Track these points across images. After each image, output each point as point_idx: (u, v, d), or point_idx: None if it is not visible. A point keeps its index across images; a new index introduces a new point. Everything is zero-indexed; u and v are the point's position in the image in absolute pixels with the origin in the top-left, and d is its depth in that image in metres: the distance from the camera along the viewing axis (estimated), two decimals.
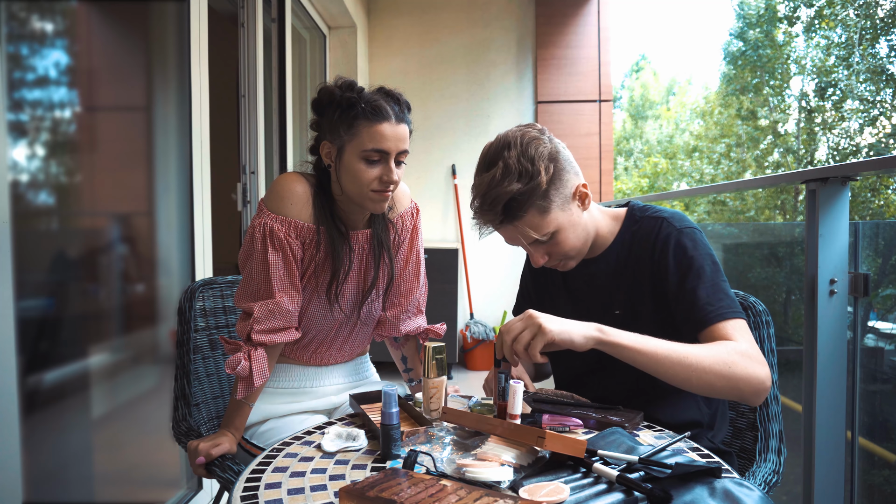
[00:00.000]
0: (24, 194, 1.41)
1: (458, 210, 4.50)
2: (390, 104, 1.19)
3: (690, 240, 1.09)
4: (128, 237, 1.90)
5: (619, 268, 1.16)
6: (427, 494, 0.70)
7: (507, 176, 1.03)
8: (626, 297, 1.14)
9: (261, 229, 1.19)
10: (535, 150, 1.05)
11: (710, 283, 1.05)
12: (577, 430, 0.98)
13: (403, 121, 1.21)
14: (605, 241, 1.19)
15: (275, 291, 1.19)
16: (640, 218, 1.18)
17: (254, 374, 1.17)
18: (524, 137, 1.06)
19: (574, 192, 1.10)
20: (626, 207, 1.22)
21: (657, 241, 1.11)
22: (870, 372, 1.83)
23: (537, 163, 1.04)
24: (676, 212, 1.15)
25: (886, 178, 11.03)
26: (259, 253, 1.20)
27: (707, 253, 1.09)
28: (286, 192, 1.21)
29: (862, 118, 12.60)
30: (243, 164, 2.63)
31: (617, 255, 1.17)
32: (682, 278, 1.07)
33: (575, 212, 1.11)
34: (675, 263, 1.08)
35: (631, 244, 1.16)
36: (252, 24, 2.62)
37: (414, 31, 4.54)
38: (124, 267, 1.87)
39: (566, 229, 1.10)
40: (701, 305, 1.04)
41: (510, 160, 1.04)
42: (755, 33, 14.38)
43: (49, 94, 1.51)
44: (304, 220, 1.22)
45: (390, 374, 2.08)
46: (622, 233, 1.18)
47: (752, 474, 1.13)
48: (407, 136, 1.22)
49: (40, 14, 1.49)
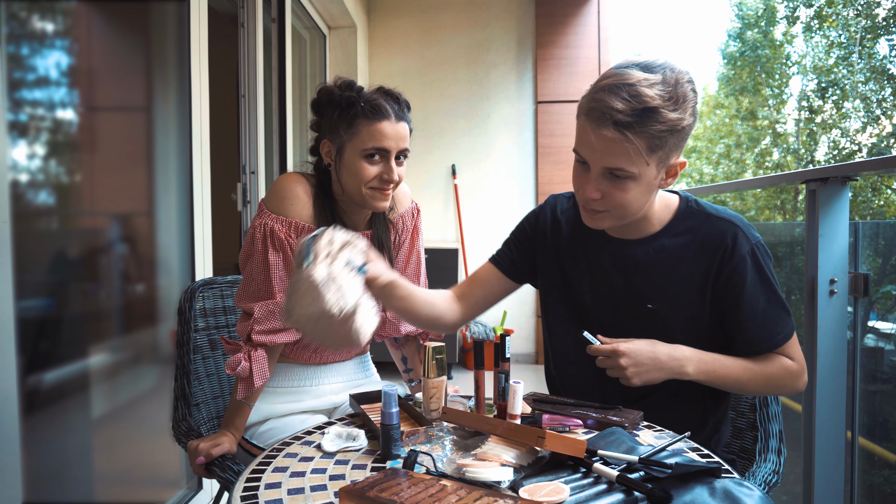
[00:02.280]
0: (24, 194, 1.41)
1: (458, 210, 4.50)
2: (390, 103, 1.19)
3: (763, 256, 1.07)
4: (128, 237, 1.90)
5: (666, 260, 1.09)
6: (427, 495, 0.70)
7: (662, 91, 0.95)
8: (670, 294, 1.09)
9: (261, 230, 1.19)
10: (691, 93, 0.98)
11: (776, 305, 1.08)
12: (577, 430, 0.98)
13: (403, 119, 1.21)
14: (650, 225, 1.11)
15: (275, 292, 1.19)
16: (697, 213, 1.10)
17: (254, 374, 1.17)
18: (687, 74, 0.98)
19: (673, 162, 1.03)
20: (678, 196, 1.15)
21: (734, 251, 1.05)
22: (870, 372, 1.83)
23: (688, 104, 0.97)
24: (742, 218, 1.11)
25: (887, 177, 11.03)
26: (260, 253, 1.20)
27: (772, 270, 1.09)
28: (287, 193, 1.21)
29: (863, 118, 12.59)
30: (243, 164, 2.63)
31: (663, 246, 1.10)
32: (757, 302, 1.06)
33: (658, 178, 1.02)
34: (753, 284, 1.06)
35: (686, 240, 1.09)
36: (252, 24, 2.62)
37: (414, 31, 4.54)
38: (124, 267, 1.87)
39: (641, 184, 1.00)
40: (769, 331, 1.07)
41: (670, 77, 0.96)
42: (754, 33, 14.38)
43: (49, 94, 1.51)
44: (304, 221, 1.22)
45: (390, 374, 2.08)
46: (673, 224, 1.11)
47: (752, 474, 1.13)
48: (407, 134, 1.21)
49: (40, 14, 1.49)
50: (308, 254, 0.87)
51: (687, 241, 1.09)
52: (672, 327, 1.09)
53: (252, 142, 2.64)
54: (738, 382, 1.07)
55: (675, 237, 1.10)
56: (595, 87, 0.99)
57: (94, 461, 1.71)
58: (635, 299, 1.11)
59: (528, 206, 4.40)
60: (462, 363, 4.39)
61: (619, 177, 0.99)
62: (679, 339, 1.07)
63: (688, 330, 1.09)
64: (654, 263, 1.10)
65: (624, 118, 0.94)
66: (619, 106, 0.94)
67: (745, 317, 1.07)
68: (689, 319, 1.09)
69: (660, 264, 1.09)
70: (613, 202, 1.02)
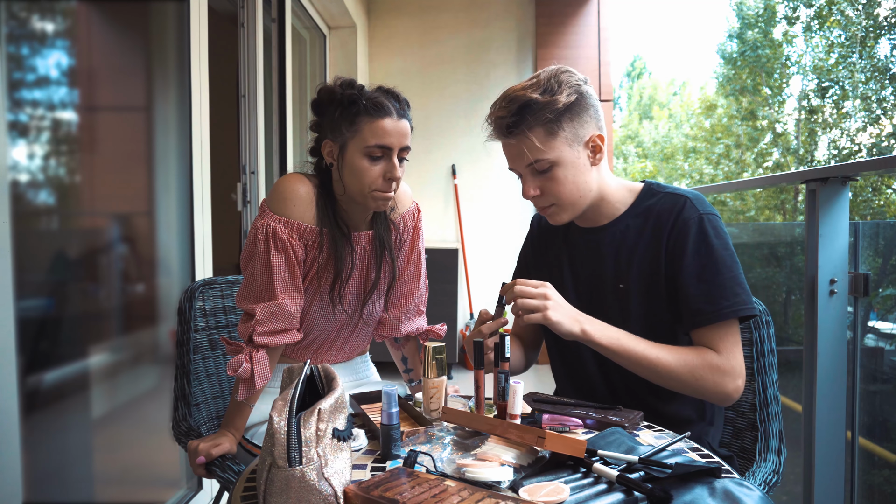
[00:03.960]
0: (24, 194, 1.41)
1: (458, 210, 4.50)
2: (391, 100, 1.19)
3: (713, 227, 1.07)
4: (128, 237, 1.90)
5: (629, 240, 1.14)
6: (430, 495, 0.70)
7: (532, 86, 1.08)
8: (635, 272, 1.13)
9: (263, 231, 1.19)
10: (566, 78, 1.10)
11: (725, 277, 1.05)
12: (577, 430, 0.98)
13: (405, 117, 1.21)
14: (614, 209, 1.17)
15: (277, 293, 1.19)
16: (657, 192, 1.16)
17: (255, 375, 1.17)
18: (562, 68, 1.12)
19: (588, 138, 1.11)
20: (643, 183, 1.21)
21: (678, 220, 1.09)
22: (870, 372, 1.83)
23: (563, 87, 1.08)
24: (698, 193, 1.14)
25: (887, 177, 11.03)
26: (261, 254, 1.19)
27: (726, 243, 1.08)
28: (289, 194, 1.21)
29: (863, 118, 12.59)
30: (243, 164, 2.63)
31: (627, 227, 1.15)
32: (699, 269, 1.06)
33: (582, 157, 1.11)
34: (694, 251, 1.06)
35: (646, 218, 1.14)
36: (252, 24, 2.62)
37: (414, 31, 4.54)
38: (124, 267, 1.87)
39: (566, 167, 1.09)
40: (702, 303, 1.05)
41: (542, 76, 1.10)
42: (754, 33, 14.38)
43: (49, 94, 1.51)
44: (306, 222, 1.21)
45: (390, 374, 2.08)
46: (635, 205, 1.16)
47: (752, 474, 1.13)
48: (409, 131, 1.21)
49: (40, 14, 1.49)
50: None
51: (645, 219, 1.15)
52: (640, 305, 1.12)
53: (252, 142, 2.64)
54: (648, 361, 1.04)
55: (636, 217, 1.16)
56: (491, 107, 1.12)
57: (94, 461, 1.71)
58: (609, 281, 1.16)
59: (528, 207, 4.40)
60: (462, 363, 4.39)
61: (543, 169, 1.10)
62: (648, 318, 1.11)
63: (653, 307, 1.11)
64: (620, 244, 1.16)
65: (509, 121, 1.08)
66: (501, 114, 1.09)
67: (685, 283, 1.07)
68: (653, 296, 1.11)
69: (624, 244, 1.15)
70: (552, 193, 1.11)
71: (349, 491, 0.72)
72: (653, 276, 1.11)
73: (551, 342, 1.28)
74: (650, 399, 1.14)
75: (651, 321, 1.11)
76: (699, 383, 1.04)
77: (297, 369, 0.81)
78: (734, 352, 1.05)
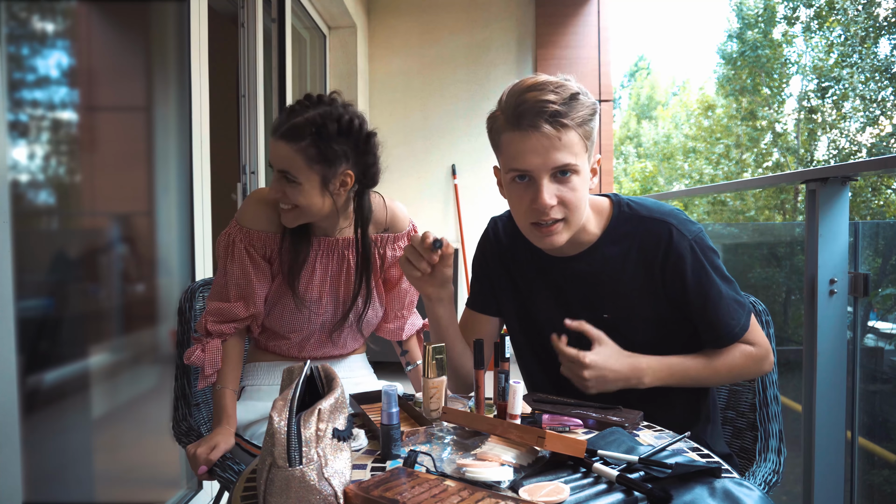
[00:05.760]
0: (24, 194, 1.41)
1: (458, 210, 4.50)
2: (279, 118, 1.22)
3: (702, 249, 1.06)
4: (128, 237, 1.90)
5: (611, 270, 1.09)
6: (430, 495, 0.70)
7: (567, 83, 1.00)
8: (622, 302, 1.10)
9: (224, 240, 1.28)
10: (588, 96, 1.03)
11: (726, 296, 1.07)
12: (577, 430, 0.98)
13: (283, 137, 1.17)
14: (588, 236, 1.10)
15: (231, 297, 1.27)
16: (631, 216, 1.09)
17: (206, 363, 1.23)
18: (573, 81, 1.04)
19: (595, 157, 1.07)
20: (608, 200, 1.13)
21: (671, 251, 1.05)
22: (870, 372, 1.83)
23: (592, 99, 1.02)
24: (674, 210, 1.10)
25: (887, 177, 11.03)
26: (221, 260, 1.28)
27: (715, 259, 1.08)
28: (249, 206, 1.29)
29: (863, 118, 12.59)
30: (243, 164, 2.63)
31: (604, 256, 1.09)
32: (703, 296, 1.06)
33: (589, 174, 1.05)
34: (695, 281, 1.06)
35: (627, 246, 1.08)
36: (252, 24, 2.62)
37: (414, 31, 4.54)
38: (124, 267, 1.87)
39: (583, 180, 1.02)
40: (723, 324, 1.07)
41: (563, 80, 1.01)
42: (754, 33, 14.38)
43: (49, 94, 1.51)
44: (269, 230, 1.28)
45: (390, 374, 2.08)
46: (610, 230, 1.10)
47: (752, 474, 1.13)
48: (286, 153, 1.17)
49: (40, 14, 1.49)
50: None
51: (627, 248, 1.08)
52: (630, 333, 1.09)
53: (252, 142, 2.64)
54: (699, 379, 1.08)
55: (614, 244, 1.09)
56: (513, 96, 0.99)
57: (94, 461, 1.71)
58: (590, 311, 1.09)
59: None
60: None
61: (566, 174, 0.99)
62: (638, 344, 1.06)
63: (645, 333, 1.10)
64: (600, 274, 1.10)
65: (558, 108, 0.95)
66: (551, 98, 0.96)
67: (696, 314, 1.07)
68: (645, 322, 1.10)
69: (606, 274, 1.09)
70: (569, 204, 1.01)
71: (349, 491, 0.72)
72: (647, 306, 1.09)
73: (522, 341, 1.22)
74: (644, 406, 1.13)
75: (644, 347, 1.08)
76: (744, 376, 1.13)
77: (297, 369, 0.81)
78: (761, 335, 1.11)
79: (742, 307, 1.08)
